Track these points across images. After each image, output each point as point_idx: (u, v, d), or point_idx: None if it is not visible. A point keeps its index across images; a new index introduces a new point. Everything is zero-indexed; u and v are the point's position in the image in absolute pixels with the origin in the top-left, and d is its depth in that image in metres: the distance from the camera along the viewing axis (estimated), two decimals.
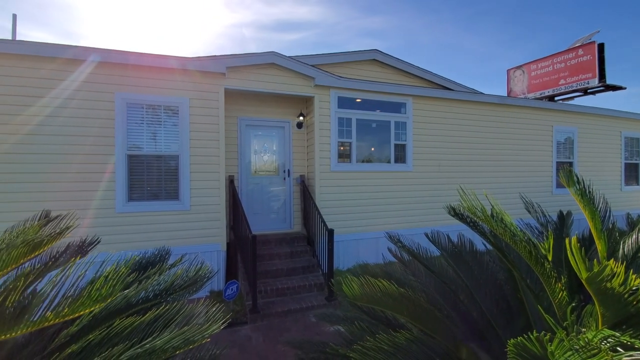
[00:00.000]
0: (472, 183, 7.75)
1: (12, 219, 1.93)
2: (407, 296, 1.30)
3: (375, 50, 7.85)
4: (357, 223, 6.89)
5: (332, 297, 5.23)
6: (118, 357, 0.87)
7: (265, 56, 6.03)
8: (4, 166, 4.71)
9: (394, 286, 1.29)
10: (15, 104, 4.78)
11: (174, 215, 5.49)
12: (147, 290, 1.30)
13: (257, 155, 6.89)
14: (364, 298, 1.28)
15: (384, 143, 7.24)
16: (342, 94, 6.77)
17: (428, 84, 8.64)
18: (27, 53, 4.79)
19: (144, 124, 5.42)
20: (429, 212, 7.45)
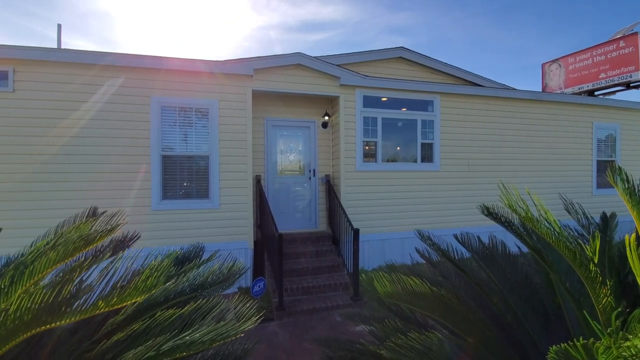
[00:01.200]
0: (504, 183, 7.44)
1: (62, 215, 2.10)
2: (437, 296, 1.28)
3: (402, 47, 7.73)
4: (383, 223, 6.82)
5: (358, 297, 5.21)
6: (160, 347, 0.93)
7: (291, 57, 6.11)
8: (53, 166, 5.08)
9: (426, 285, 1.27)
10: (62, 108, 5.14)
11: (204, 213, 5.69)
12: (184, 284, 1.37)
13: (283, 155, 6.99)
14: (394, 295, 1.27)
15: (410, 142, 7.12)
16: (368, 93, 6.72)
17: (456, 81, 8.39)
18: (71, 61, 5.14)
19: (177, 126, 5.66)
20: (457, 213, 7.24)
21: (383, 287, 1.28)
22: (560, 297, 1.79)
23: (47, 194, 5.06)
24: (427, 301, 1.31)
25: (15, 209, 4.92)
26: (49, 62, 5.08)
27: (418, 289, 1.27)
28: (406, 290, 1.28)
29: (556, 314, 1.83)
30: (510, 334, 1.84)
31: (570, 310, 1.72)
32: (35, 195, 5.02)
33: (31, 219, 4.91)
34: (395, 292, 1.27)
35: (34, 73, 5.04)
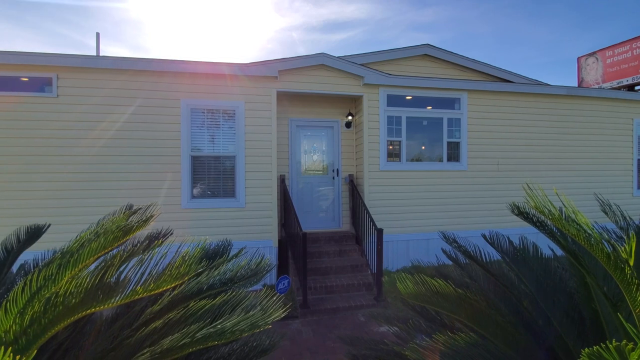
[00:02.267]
0: (536, 183, 7.12)
1: (100, 213, 2.25)
2: (464, 298, 1.26)
3: (427, 44, 7.58)
4: (407, 223, 6.72)
5: (381, 297, 5.17)
6: (194, 334, 0.99)
7: (314, 58, 6.15)
8: (92, 167, 5.42)
9: (450, 287, 1.25)
10: (100, 112, 5.46)
11: (230, 212, 5.86)
12: (215, 278, 1.43)
13: (306, 155, 7.05)
14: (418, 297, 1.26)
15: (435, 141, 6.97)
16: (392, 91, 6.65)
17: (485, 77, 8.12)
18: (108, 67, 5.45)
19: (205, 127, 5.86)
20: (485, 214, 7.01)
21: (406, 288, 1.27)
22: (598, 302, 1.70)
23: (87, 192, 5.39)
24: (453, 303, 1.28)
25: (60, 207, 5.29)
26: (88, 69, 5.42)
27: (443, 290, 1.25)
28: (431, 292, 1.26)
29: (593, 320, 1.75)
30: (542, 340, 1.77)
31: (608, 316, 1.64)
32: (77, 194, 5.36)
33: (74, 215, 5.26)
34: (419, 293, 1.25)
35: (75, 79, 5.39)
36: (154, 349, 0.97)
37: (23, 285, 0.95)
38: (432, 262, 6.56)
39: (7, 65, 5.18)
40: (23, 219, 2.60)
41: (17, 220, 2.60)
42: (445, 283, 1.25)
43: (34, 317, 0.90)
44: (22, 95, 5.24)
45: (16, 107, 5.21)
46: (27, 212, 5.11)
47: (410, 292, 1.26)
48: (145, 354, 0.96)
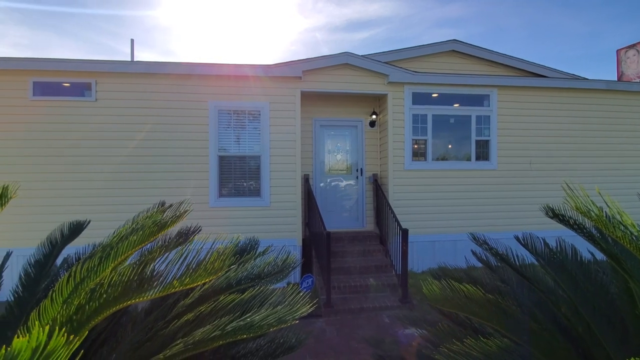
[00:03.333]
0: (571, 183, 6.73)
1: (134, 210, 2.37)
2: (495, 303, 1.20)
3: (454, 40, 7.35)
4: (433, 224, 6.57)
5: (406, 299, 5.09)
6: (224, 327, 1.02)
7: (338, 57, 6.14)
8: (126, 166, 5.71)
9: (480, 292, 1.20)
10: (134, 114, 5.74)
11: (256, 211, 5.97)
12: (243, 273, 1.47)
13: (330, 154, 7.06)
14: (445, 302, 1.22)
15: (463, 139, 6.76)
16: (417, 89, 6.52)
17: (516, 73, 7.76)
18: (142, 71, 5.71)
19: (231, 128, 6.02)
20: (516, 215, 6.72)
21: (432, 293, 1.24)
22: None
23: (122, 190, 5.68)
24: (483, 308, 1.23)
25: (98, 204, 5.60)
26: (123, 74, 5.70)
27: (473, 295, 1.21)
28: (460, 297, 1.22)
29: (636, 327, 1.63)
30: (581, 347, 1.67)
31: None
32: (113, 192, 5.67)
33: (110, 212, 5.55)
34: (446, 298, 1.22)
35: (112, 84, 5.70)
36: (187, 340, 1.01)
37: (68, 276, 1.02)
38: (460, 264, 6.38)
39: (52, 72, 5.56)
40: (66, 216, 2.78)
41: (61, 217, 2.80)
42: (474, 288, 1.21)
43: (78, 307, 0.96)
44: (65, 100, 5.60)
45: (60, 111, 5.58)
46: (69, 209, 5.45)
47: (436, 297, 1.23)
48: (179, 344, 1.00)
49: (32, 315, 0.96)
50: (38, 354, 0.55)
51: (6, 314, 1.69)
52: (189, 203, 1.62)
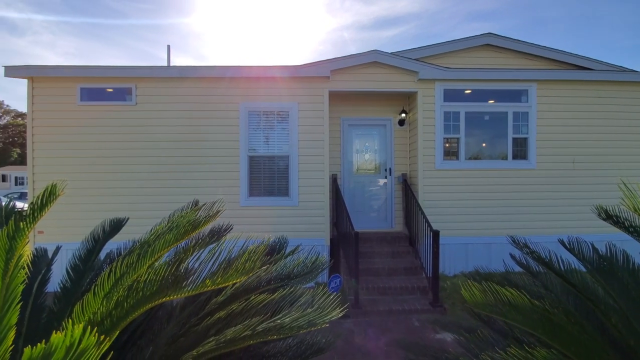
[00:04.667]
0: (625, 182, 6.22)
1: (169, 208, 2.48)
2: (541, 310, 1.12)
3: (489, 33, 7.02)
4: (466, 226, 6.31)
5: (438, 303, 4.92)
6: (255, 327, 1.03)
7: (367, 55, 6.07)
8: (162, 167, 5.98)
9: (525, 297, 1.12)
10: (169, 117, 5.99)
11: (284, 210, 6.04)
12: (273, 273, 1.48)
13: (358, 154, 6.99)
14: (486, 307, 1.15)
15: (498, 137, 6.44)
16: (449, 86, 6.29)
17: (557, 66, 7.27)
18: (177, 75, 5.96)
19: (260, 129, 6.13)
20: (557, 217, 6.31)
21: (472, 296, 1.17)
22: None
23: (158, 190, 5.97)
24: (527, 315, 1.15)
25: (137, 202, 5.91)
26: (160, 78, 5.98)
27: (516, 301, 1.13)
28: (500, 301, 1.15)
29: None
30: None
31: None
32: (150, 191, 5.96)
33: (147, 210, 5.82)
34: (487, 303, 1.14)
35: (150, 88, 5.99)
36: (219, 338, 1.02)
37: (109, 271, 1.08)
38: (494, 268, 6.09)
39: (97, 78, 5.94)
40: (108, 213, 2.95)
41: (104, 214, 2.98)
42: (518, 293, 1.13)
43: (118, 302, 1.01)
44: (109, 104, 5.97)
45: (104, 114, 5.95)
46: (111, 207, 5.78)
47: (477, 301, 1.16)
48: (211, 342, 1.02)
49: (76, 308, 1.02)
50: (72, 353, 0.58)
51: (54, 305, 1.82)
52: (221, 203, 1.66)
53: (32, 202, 1.10)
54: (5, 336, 1.10)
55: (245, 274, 1.11)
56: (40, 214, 1.08)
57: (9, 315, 1.10)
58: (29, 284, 1.79)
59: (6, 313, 1.09)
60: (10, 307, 1.09)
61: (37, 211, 1.05)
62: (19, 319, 1.15)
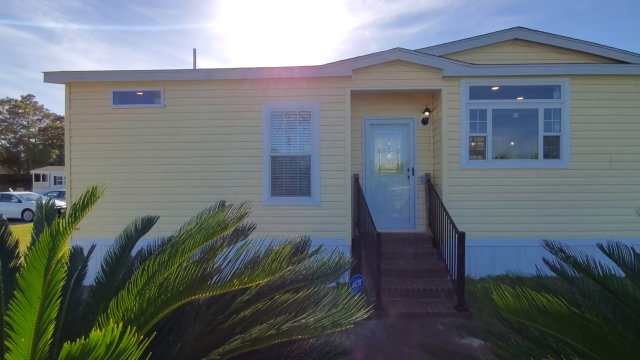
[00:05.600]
0: None
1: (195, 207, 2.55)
2: (581, 319, 1.05)
3: (518, 27, 6.74)
4: (493, 228, 6.10)
5: (463, 307, 4.78)
6: (280, 326, 1.04)
7: (389, 53, 5.99)
8: (188, 167, 6.17)
9: (562, 304, 1.06)
10: (194, 118, 6.16)
11: (306, 210, 6.07)
12: (297, 273, 1.49)
13: (380, 153, 6.91)
14: (520, 313, 1.10)
15: (528, 135, 6.18)
16: (475, 82, 6.10)
17: (592, 59, 6.87)
18: (202, 78, 6.12)
19: (282, 129, 6.19)
20: (593, 220, 5.97)
21: (505, 302, 1.12)
22: None
23: (184, 189, 6.16)
24: (564, 324, 1.08)
25: (165, 201, 6.13)
26: (186, 81, 6.17)
27: (553, 308, 1.07)
28: (535, 308, 1.09)
29: None
30: None
31: None
32: (177, 190, 6.17)
33: (175, 209, 6.02)
34: (521, 309, 1.09)
35: (176, 91, 6.20)
36: (244, 337, 1.04)
37: (142, 269, 1.12)
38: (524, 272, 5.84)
39: (128, 82, 6.21)
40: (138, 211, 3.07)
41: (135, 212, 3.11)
42: (556, 299, 1.07)
43: (151, 298, 1.05)
44: (139, 107, 6.23)
45: (135, 117, 6.22)
46: (142, 205, 6.02)
47: (510, 306, 1.11)
48: (237, 340, 1.04)
49: (111, 304, 1.07)
50: (111, 352, 0.60)
51: (90, 299, 1.91)
52: (249, 204, 1.68)
53: (74, 203, 1.17)
54: (45, 329, 1.17)
55: (272, 274, 1.12)
56: (82, 215, 1.14)
57: (49, 309, 1.16)
58: (67, 279, 1.90)
59: (47, 308, 1.16)
60: (51, 302, 1.15)
61: (78, 211, 1.11)
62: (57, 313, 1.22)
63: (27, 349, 1.06)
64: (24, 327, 1.07)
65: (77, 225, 1.24)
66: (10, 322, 1.06)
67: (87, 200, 1.13)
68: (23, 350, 1.06)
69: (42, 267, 1.09)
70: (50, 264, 1.11)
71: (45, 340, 1.12)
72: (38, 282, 1.09)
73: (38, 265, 1.09)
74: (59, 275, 1.14)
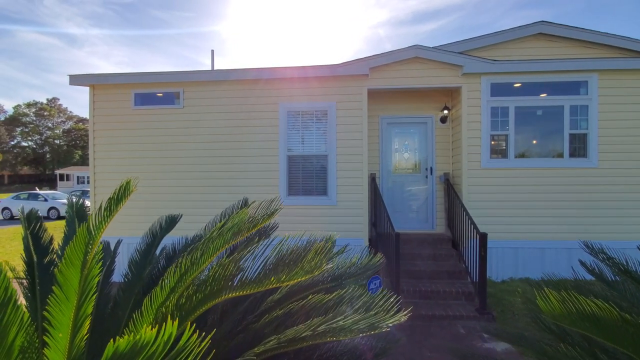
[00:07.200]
0: None
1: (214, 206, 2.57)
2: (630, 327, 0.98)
3: (541, 21, 6.52)
4: (516, 229, 5.92)
5: (485, 309, 4.65)
6: (316, 328, 1.02)
7: (407, 51, 5.90)
8: (207, 166, 6.25)
9: (613, 310, 0.99)
10: (212, 119, 6.23)
11: (323, 209, 6.05)
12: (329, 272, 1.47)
13: (397, 153, 6.82)
14: (565, 318, 1.03)
15: (553, 133, 5.97)
16: (497, 79, 5.93)
17: (620, 54, 6.56)
18: (220, 79, 6.19)
19: (299, 129, 6.19)
20: (624, 221, 5.71)
21: (549, 307, 1.05)
22: None
23: (204, 188, 6.25)
24: (614, 330, 1.01)
25: (186, 200, 6.21)
26: (205, 82, 6.25)
27: (602, 313, 1.00)
28: (582, 313, 1.02)
29: None
30: None
31: None
32: (198, 190, 6.25)
33: (196, 208, 6.09)
34: (568, 314, 1.02)
35: (195, 92, 6.28)
36: (280, 337, 1.02)
37: (175, 267, 1.12)
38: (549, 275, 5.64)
39: (149, 84, 6.34)
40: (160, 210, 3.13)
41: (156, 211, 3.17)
42: (606, 305, 1.00)
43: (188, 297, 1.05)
44: (159, 108, 6.35)
45: (155, 118, 6.34)
46: (163, 204, 6.12)
47: (555, 312, 1.05)
48: (273, 340, 1.03)
49: (145, 301, 1.07)
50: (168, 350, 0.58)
51: (118, 296, 1.95)
52: (277, 201, 1.67)
53: (109, 197, 1.18)
54: (82, 324, 1.18)
55: (311, 272, 1.10)
56: (117, 209, 1.15)
57: (85, 305, 1.18)
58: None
59: (83, 303, 1.17)
60: (87, 297, 1.17)
61: (113, 205, 1.12)
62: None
63: (64, 344, 1.08)
64: (61, 322, 1.08)
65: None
66: (49, 317, 1.07)
67: (122, 194, 1.14)
68: (61, 345, 1.07)
69: (79, 262, 1.11)
70: (87, 258, 1.12)
71: (81, 336, 1.14)
72: (75, 277, 1.11)
73: (75, 260, 1.10)
74: (95, 270, 1.15)
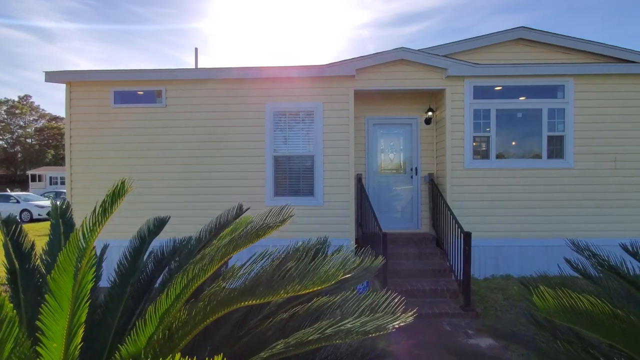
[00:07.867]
0: None
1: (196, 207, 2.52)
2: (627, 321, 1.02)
3: (522, 27, 6.75)
4: (497, 227, 6.11)
5: (469, 306, 4.78)
6: (324, 330, 1.01)
7: (393, 53, 5.97)
8: (191, 167, 6.09)
9: (606, 305, 1.04)
10: (196, 118, 6.10)
11: (309, 210, 6.03)
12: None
13: (383, 153, 6.90)
14: (561, 315, 1.07)
15: (531, 135, 6.19)
16: (479, 82, 6.10)
17: (596, 59, 6.89)
18: (204, 77, 6.07)
19: (285, 129, 6.15)
20: (597, 220, 6.00)
21: (545, 304, 1.09)
22: None
23: (187, 189, 6.08)
24: (606, 326, 1.06)
25: (171, 202, 6.02)
26: (188, 81, 6.10)
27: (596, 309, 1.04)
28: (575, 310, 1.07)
29: None
30: None
31: None
32: (181, 191, 6.08)
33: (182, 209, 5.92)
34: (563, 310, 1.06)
35: (178, 90, 6.12)
36: (288, 341, 1.01)
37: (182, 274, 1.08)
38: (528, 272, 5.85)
39: (129, 82, 6.13)
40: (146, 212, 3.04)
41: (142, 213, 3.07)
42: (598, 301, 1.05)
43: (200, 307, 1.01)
44: (140, 107, 6.14)
45: (136, 117, 6.12)
46: (150, 206, 5.87)
47: (550, 308, 1.09)
48: (280, 344, 1.01)
49: (149, 309, 1.04)
50: None
51: (107, 301, 1.87)
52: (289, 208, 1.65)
53: (103, 200, 1.13)
54: (76, 333, 1.13)
55: (327, 281, 1.08)
56: (111, 211, 1.10)
57: (79, 312, 1.13)
58: None
59: (77, 310, 1.12)
60: (81, 304, 1.12)
61: (107, 208, 1.07)
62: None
63: (59, 354, 1.03)
64: (55, 332, 1.03)
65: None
66: (42, 327, 1.02)
67: (116, 195, 1.10)
68: (55, 355, 1.02)
69: (72, 269, 1.06)
70: (80, 264, 1.07)
71: (75, 345, 1.09)
72: (68, 284, 1.05)
73: (68, 267, 1.05)
74: (89, 276, 1.10)
